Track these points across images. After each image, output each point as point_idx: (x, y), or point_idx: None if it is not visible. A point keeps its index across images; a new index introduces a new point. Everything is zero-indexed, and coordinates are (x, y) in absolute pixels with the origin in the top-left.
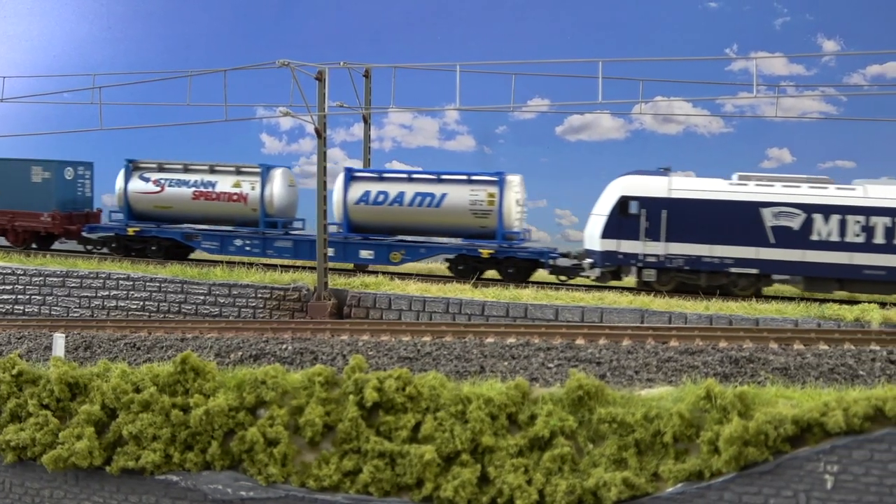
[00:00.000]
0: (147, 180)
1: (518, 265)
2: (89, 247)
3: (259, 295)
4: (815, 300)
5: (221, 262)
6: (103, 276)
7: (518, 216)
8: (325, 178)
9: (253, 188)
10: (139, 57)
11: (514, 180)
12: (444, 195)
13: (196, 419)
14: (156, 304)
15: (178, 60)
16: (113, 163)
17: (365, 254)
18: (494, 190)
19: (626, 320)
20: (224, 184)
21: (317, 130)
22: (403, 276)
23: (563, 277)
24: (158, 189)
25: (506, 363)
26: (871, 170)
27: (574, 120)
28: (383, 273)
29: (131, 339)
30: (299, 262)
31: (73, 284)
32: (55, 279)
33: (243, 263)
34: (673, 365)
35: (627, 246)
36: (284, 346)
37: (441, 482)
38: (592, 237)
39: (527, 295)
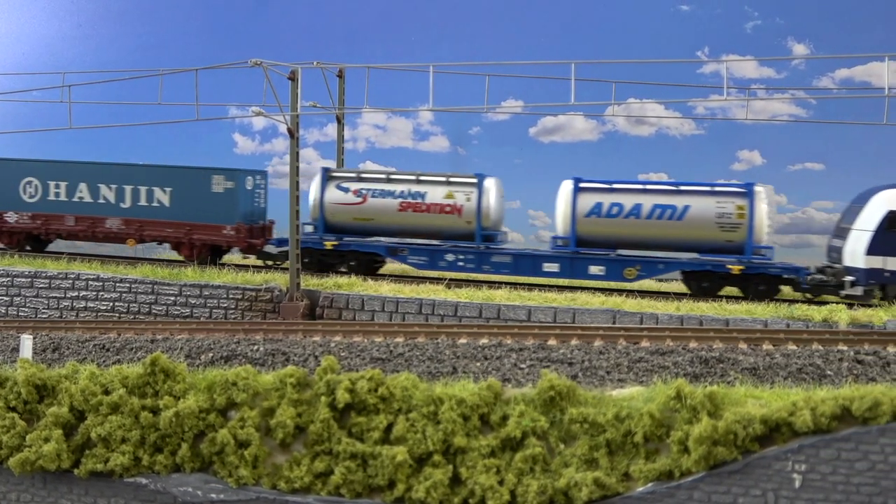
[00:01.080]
0: (346, 190)
1: (768, 282)
2: (269, 262)
3: (231, 296)
4: (785, 301)
5: (192, 262)
6: (72, 276)
7: (767, 230)
8: (297, 179)
9: (468, 199)
10: (110, 55)
11: (763, 191)
12: (686, 207)
13: (166, 421)
14: (126, 304)
15: (150, 59)
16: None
17: (595, 269)
18: (743, 202)
19: (598, 321)
20: (435, 194)
21: (289, 130)
22: (376, 276)
23: (808, 295)
24: (360, 200)
25: (478, 364)
26: (839, 172)
27: (547, 121)
28: (356, 274)
29: (100, 340)
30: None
31: (41, 285)
32: (23, 280)
33: (216, 263)
34: (644, 365)
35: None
36: (256, 348)
37: (413, 483)
38: (855, 254)
39: (500, 296)
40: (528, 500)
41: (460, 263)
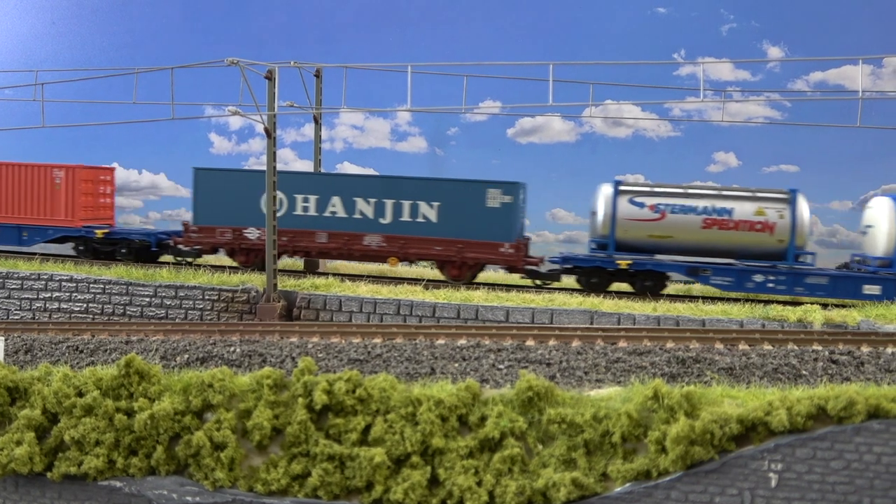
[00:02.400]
0: (641, 206)
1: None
2: (537, 282)
3: (207, 297)
4: (761, 301)
5: (168, 263)
6: (45, 277)
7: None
8: (274, 179)
9: (781, 216)
10: (84, 53)
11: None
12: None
13: (140, 423)
14: (100, 306)
15: (124, 57)
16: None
17: None
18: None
19: (575, 321)
20: (743, 210)
21: (266, 130)
22: (354, 277)
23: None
24: (657, 216)
25: (456, 365)
26: (814, 173)
27: (525, 122)
28: (333, 274)
29: (74, 341)
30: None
31: (13, 286)
32: None
33: (190, 264)
34: (621, 365)
35: None
36: (232, 349)
37: (391, 484)
38: None
39: (478, 297)
40: (507, 500)
41: (770, 285)
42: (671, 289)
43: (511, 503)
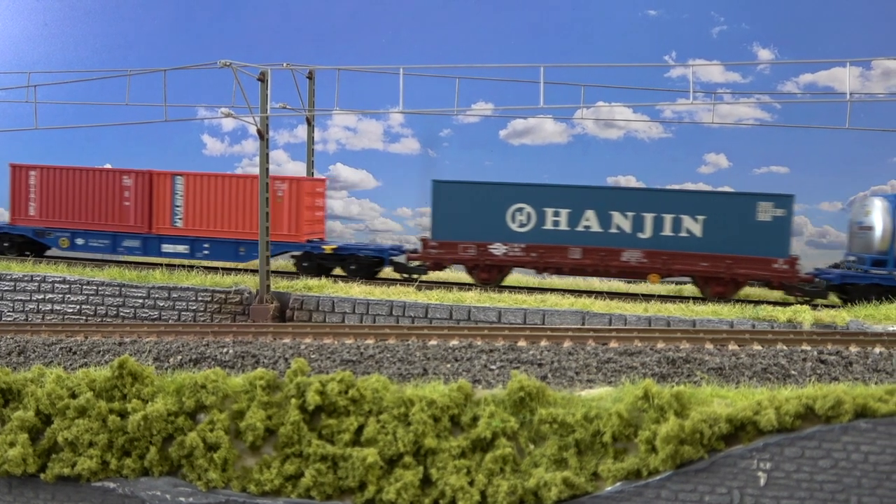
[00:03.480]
0: None
1: None
2: (800, 298)
3: (200, 298)
4: (751, 302)
5: (161, 264)
6: (38, 278)
7: None
8: (267, 181)
9: None
10: (76, 55)
11: None
12: None
13: (134, 425)
14: (93, 307)
15: (117, 59)
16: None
17: None
18: None
19: (567, 322)
20: None
21: (259, 132)
22: (347, 278)
23: None
24: None
25: (449, 365)
26: (804, 175)
27: (518, 124)
28: (327, 276)
29: (67, 343)
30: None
31: (6, 287)
32: None
33: (183, 266)
34: (612, 366)
35: None
36: (225, 350)
37: (383, 485)
38: None
39: (470, 297)
40: (498, 500)
41: None
42: (662, 289)
43: (503, 503)
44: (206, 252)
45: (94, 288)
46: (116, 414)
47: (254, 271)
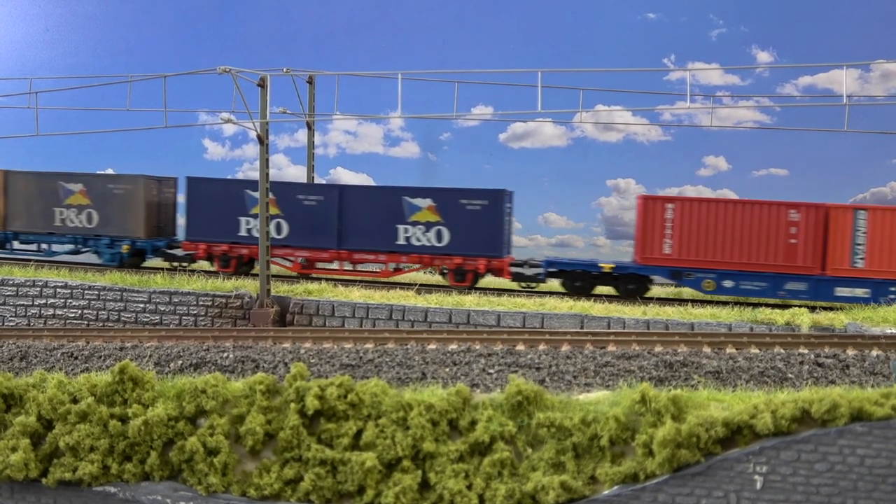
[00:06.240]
0: None
1: None
2: None
3: (200, 302)
4: (750, 304)
5: (162, 269)
6: (40, 284)
7: None
8: (267, 185)
9: None
10: (78, 61)
11: None
12: None
13: (135, 429)
14: (94, 312)
15: (118, 65)
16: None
17: None
18: None
19: (566, 325)
20: None
21: (259, 137)
22: (347, 282)
23: None
24: None
25: (447, 369)
26: (802, 177)
27: (517, 127)
28: (327, 280)
29: (69, 348)
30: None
31: (8, 293)
32: None
33: (184, 270)
34: (610, 369)
35: None
36: (226, 355)
37: (382, 489)
38: None
39: (469, 301)
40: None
41: None
42: (661, 292)
43: None
44: (892, 297)
45: (96, 293)
46: (117, 419)
47: (254, 275)
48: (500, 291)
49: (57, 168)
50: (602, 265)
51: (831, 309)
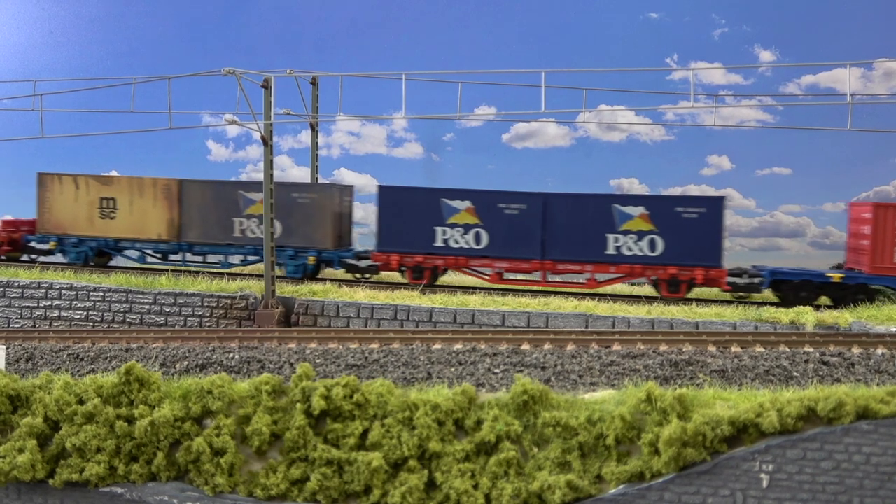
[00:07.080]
0: None
1: None
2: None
3: (206, 303)
4: (754, 303)
5: (167, 270)
6: (45, 285)
7: None
8: (271, 186)
9: None
10: (82, 63)
11: None
12: None
13: (141, 430)
14: (100, 313)
15: (122, 67)
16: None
17: None
18: None
19: (571, 325)
20: None
21: (263, 138)
22: (352, 283)
23: None
24: None
25: (453, 369)
26: (806, 176)
27: (520, 128)
28: (331, 280)
29: (74, 349)
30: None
31: (13, 294)
32: None
33: (189, 272)
34: (615, 369)
35: None
36: (231, 356)
37: (389, 489)
38: None
39: (474, 301)
40: (503, 503)
41: None
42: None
43: None
44: None
45: (101, 294)
46: (124, 420)
47: (259, 276)
48: (503, 292)
49: (57, 168)
50: (829, 275)
51: (835, 307)
